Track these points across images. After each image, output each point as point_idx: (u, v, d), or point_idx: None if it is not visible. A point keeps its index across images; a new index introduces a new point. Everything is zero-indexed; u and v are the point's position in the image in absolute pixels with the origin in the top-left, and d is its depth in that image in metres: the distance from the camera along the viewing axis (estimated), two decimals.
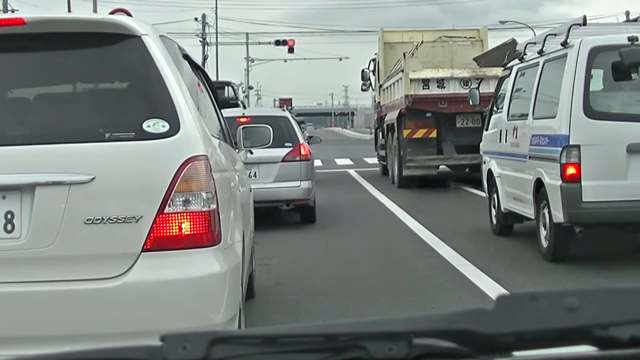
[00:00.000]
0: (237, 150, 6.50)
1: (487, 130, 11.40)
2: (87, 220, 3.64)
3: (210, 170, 3.83)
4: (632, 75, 8.24)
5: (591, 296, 1.12)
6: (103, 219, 3.65)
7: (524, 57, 10.16)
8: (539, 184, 8.68)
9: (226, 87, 27.34)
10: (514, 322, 1.08)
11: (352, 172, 23.82)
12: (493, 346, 1.09)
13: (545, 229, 8.55)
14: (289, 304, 7.04)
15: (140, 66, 3.93)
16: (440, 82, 17.38)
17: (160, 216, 3.68)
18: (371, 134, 34.33)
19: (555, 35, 9.08)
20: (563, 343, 1.12)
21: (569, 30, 8.45)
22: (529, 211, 9.16)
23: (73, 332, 3.59)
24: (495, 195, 10.56)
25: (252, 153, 8.49)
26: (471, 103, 12.40)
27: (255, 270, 7.38)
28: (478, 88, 13.13)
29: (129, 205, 3.68)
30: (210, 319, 3.70)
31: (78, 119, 4.00)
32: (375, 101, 23.82)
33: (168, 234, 3.70)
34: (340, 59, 75.87)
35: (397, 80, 18.54)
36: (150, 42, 3.92)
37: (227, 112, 10.52)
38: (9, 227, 3.68)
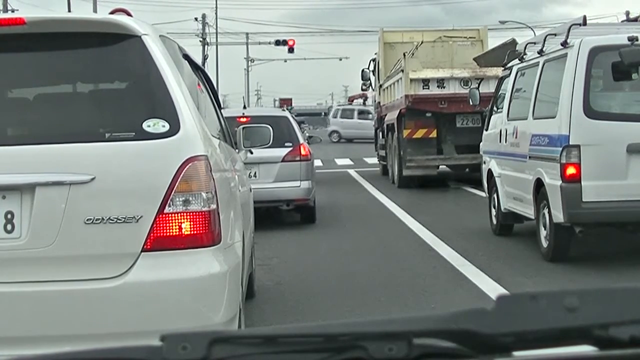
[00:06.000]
0: (237, 150, 6.50)
1: (487, 130, 11.40)
2: (87, 220, 3.65)
3: (210, 170, 3.83)
4: (632, 75, 8.24)
5: (591, 296, 1.12)
6: (103, 219, 3.65)
7: (524, 57, 10.16)
8: (539, 184, 8.69)
9: None
10: (514, 322, 1.08)
11: (352, 172, 23.81)
12: (493, 346, 1.09)
13: (545, 229, 8.55)
14: (289, 304, 7.04)
15: (140, 66, 3.93)
16: (440, 82, 17.37)
17: (160, 216, 3.68)
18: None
19: (555, 35, 9.08)
20: (563, 343, 1.12)
21: (569, 30, 8.45)
22: (529, 211, 9.16)
23: (73, 332, 3.59)
24: (495, 195, 10.56)
25: (252, 153, 8.49)
26: (471, 103, 12.40)
27: (255, 270, 7.38)
28: (478, 88, 13.13)
29: (129, 205, 3.68)
30: (210, 319, 3.70)
31: (78, 119, 4.00)
32: (375, 101, 23.81)
33: (168, 234, 3.70)
34: (340, 59, 75.83)
35: (397, 80, 18.54)
36: (150, 42, 3.92)
37: (227, 112, 10.52)
38: (9, 227, 3.68)
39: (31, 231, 3.66)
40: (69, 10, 22.90)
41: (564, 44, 8.44)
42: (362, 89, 27.11)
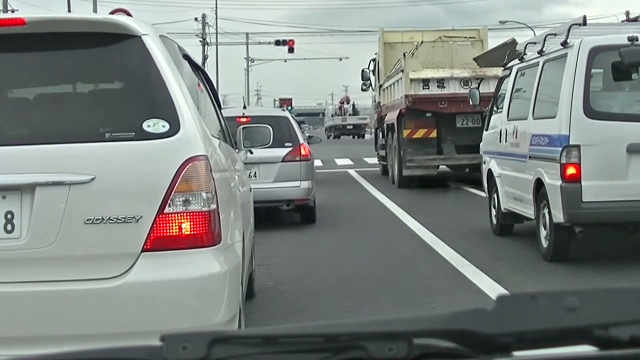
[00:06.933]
0: (237, 150, 6.50)
1: (487, 130, 11.40)
2: (87, 220, 3.64)
3: (210, 170, 3.83)
4: (632, 75, 8.24)
5: (591, 296, 1.12)
6: (103, 219, 3.65)
7: (524, 57, 10.16)
8: (539, 184, 8.69)
9: None
10: (514, 322, 1.08)
11: (352, 172, 23.82)
12: (493, 346, 1.09)
13: (545, 229, 8.55)
14: (289, 304, 7.04)
15: (140, 66, 3.93)
16: (440, 82, 17.38)
17: (160, 216, 3.68)
18: (371, 133, 34.32)
19: (555, 35, 9.08)
20: (563, 343, 1.12)
21: (569, 30, 8.45)
22: (529, 211, 9.16)
23: (73, 332, 3.59)
24: (495, 195, 10.56)
25: (252, 153, 8.49)
26: (471, 103, 12.41)
27: (255, 270, 7.38)
28: (478, 88, 13.13)
29: (129, 205, 3.68)
30: (210, 319, 3.70)
31: (78, 119, 4.00)
32: (375, 101, 23.83)
33: (168, 234, 3.70)
34: (340, 59, 75.98)
35: (397, 80, 18.55)
36: (150, 42, 3.92)
37: (227, 112, 10.52)
38: (9, 227, 3.68)
39: (31, 231, 3.66)
40: (69, 10, 22.92)
41: (564, 44, 8.44)
42: (362, 89, 27.16)
